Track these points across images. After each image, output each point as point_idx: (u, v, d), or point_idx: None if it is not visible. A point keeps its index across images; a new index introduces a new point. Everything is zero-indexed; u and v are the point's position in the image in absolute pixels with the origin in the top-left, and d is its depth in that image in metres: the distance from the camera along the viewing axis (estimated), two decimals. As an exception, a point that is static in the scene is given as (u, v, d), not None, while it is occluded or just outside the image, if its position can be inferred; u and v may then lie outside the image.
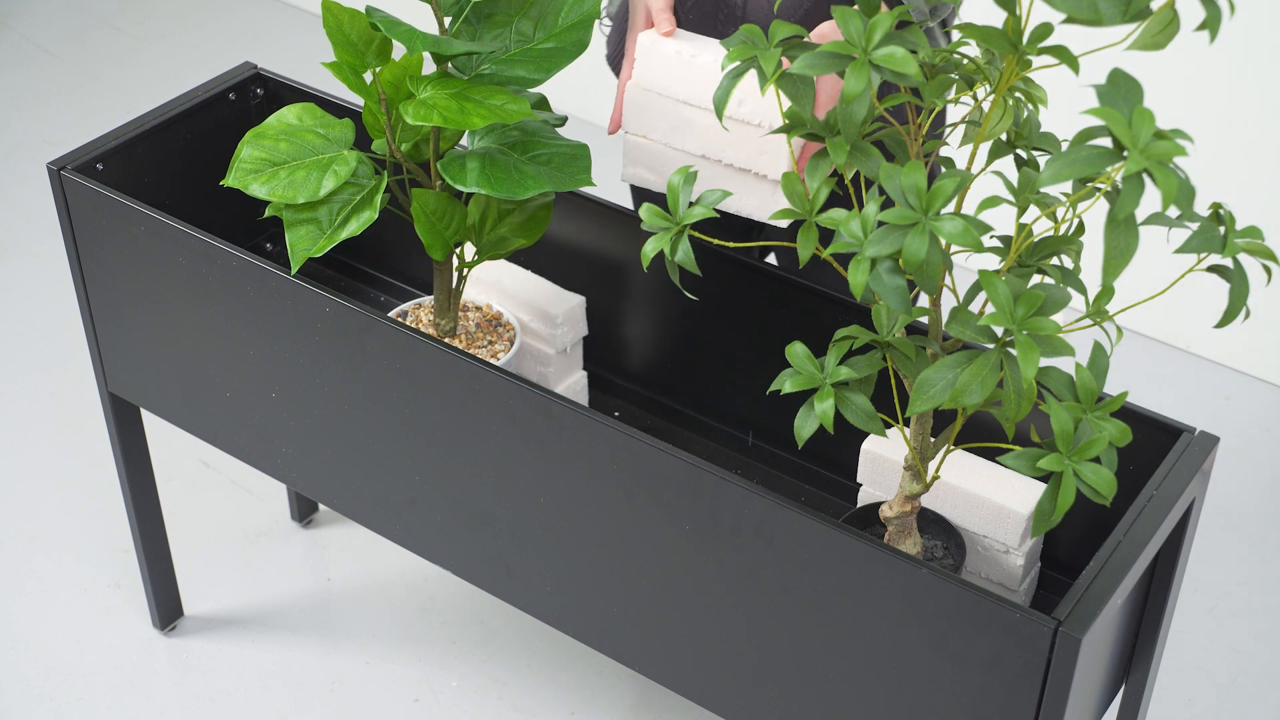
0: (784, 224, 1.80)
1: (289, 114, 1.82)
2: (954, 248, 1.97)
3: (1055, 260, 1.46)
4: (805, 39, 1.46)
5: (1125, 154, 1.21)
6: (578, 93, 3.49)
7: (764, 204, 1.78)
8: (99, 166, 2.06)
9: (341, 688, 2.41)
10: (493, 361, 1.84)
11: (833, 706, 1.64)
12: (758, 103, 1.72)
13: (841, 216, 1.39)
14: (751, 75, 1.72)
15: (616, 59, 2.03)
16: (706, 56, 1.76)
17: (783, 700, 1.69)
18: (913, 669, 1.55)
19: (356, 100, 2.52)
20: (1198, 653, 2.50)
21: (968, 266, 3.18)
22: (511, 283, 2.04)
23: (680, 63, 1.77)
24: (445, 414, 1.79)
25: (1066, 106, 1.95)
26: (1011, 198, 1.44)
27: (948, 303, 2.78)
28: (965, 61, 1.46)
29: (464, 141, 2.39)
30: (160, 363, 2.09)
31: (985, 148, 3.09)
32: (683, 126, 1.79)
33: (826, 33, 1.76)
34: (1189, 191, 1.22)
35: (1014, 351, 1.37)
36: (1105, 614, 1.46)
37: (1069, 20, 1.22)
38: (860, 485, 1.85)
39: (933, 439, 1.60)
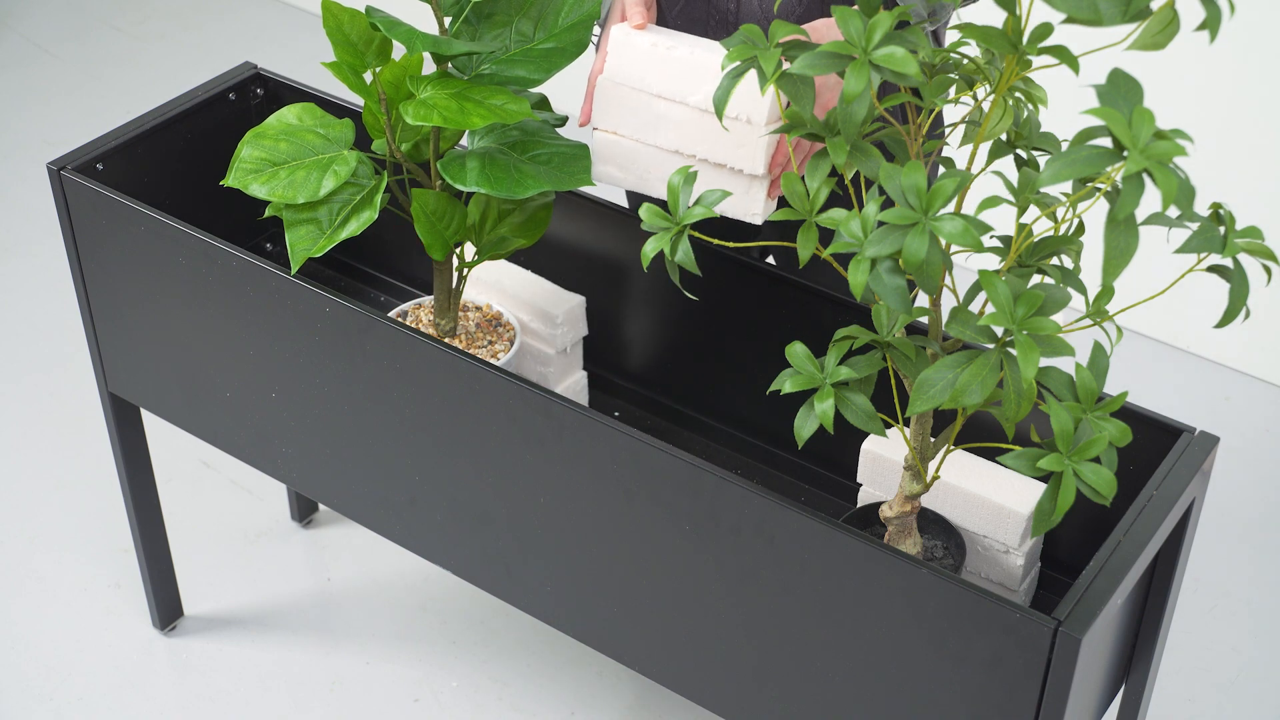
0: (759, 220, 1.77)
1: (289, 114, 1.82)
2: (954, 248, 1.97)
3: (1055, 260, 1.46)
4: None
5: (1125, 154, 1.21)
6: (578, 93, 3.48)
7: (739, 200, 1.75)
8: (99, 166, 2.06)
9: (341, 688, 2.41)
10: (493, 361, 1.84)
11: (833, 706, 1.64)
12: (736, 97, 1.69)
13: (841, 216, 1.39)
14: (720, 73, 1.69)
15: None
16: (682, 50, 1.73)
17: (783, 700, 1.69)
18: (913, 669, 1.55)
19: (356, 100, 2.52)
20: (1198, 653, 2.50)
21: (968, 266, 3.18)
22: (511, 283, 2.04)
23: (656, 56, 1.73)
24: (445, 414, 1.79)
25: (1066, 106, 1.95)
26: (1011, 198, 1.44)
27: (948, 303, 2.78)
28: (965, 61, 1.46)
29: (464, 141, 2.39)
30: (160, 363, 2.09)
31: (985, 148, 3.09)
32: (656, 121, 1.76)
33: (821, 30, 1.74)
34: (1189, 191, 1.22)
35: (1014, 351, 1.37)
36: (1105, 614, 1.46)
37: (1069, 20, 1.22)
38: (860, 485, 1.85)
39: (933, 439, 1.60)
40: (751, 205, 1.75)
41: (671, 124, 1.74)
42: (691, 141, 1.74)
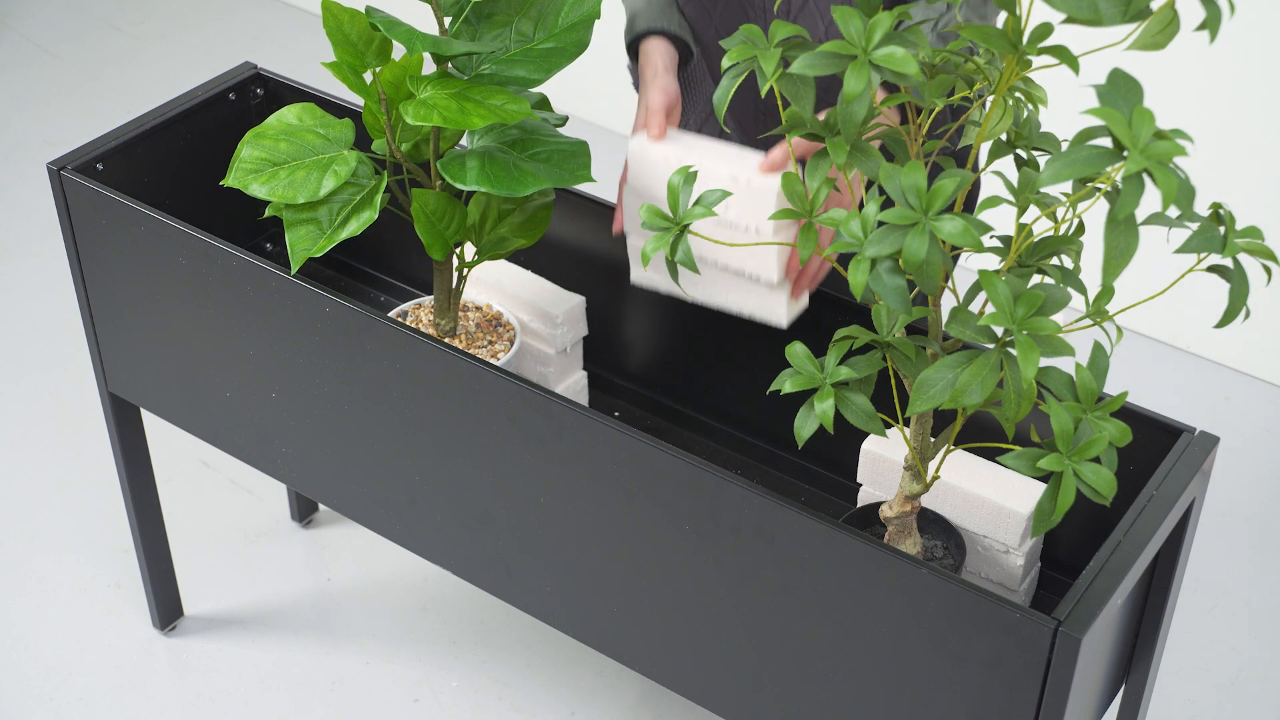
0: (784, 324, 1.78)
1: (289, 114, 1.82)
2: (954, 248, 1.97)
3: (1055, 260, 1.46)
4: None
5: (1125, 154, 1.21)
6: (578, 93, 3.49)
7: (764, 302, 1.76)
8: (99, 166, 2.06)
9: (341, 688, 2.41)
10: (493, 361, 1.84)
11: (833, 706, 1.64)
12: (743, 206, 1.70)
13: (841, 216, 1.39)
14: (736, 181, 1.70)
15: (632, 46, 1.96)
16: (692, 158, 1.74)
17: (783, 700, 1.69)
18: (913, 669, 1.55)
19: (356, 100, 2.52)
20: (1198, 653, 2.50)
21: (968, 266, 3.18)
22: (511, 283, 2.04)
23: (669, 168, 1.75)
24: (445, 414, 1.79)
25: (1066, 106, 1.96)
26: (1011, 198, 1.44)
27: (948, 303, 2.78)
28: (965, 62, 1.46)
29: (464, 141, 2.38)
30: (160, 363, 2.09)
31: (985, 148, 3.09)
32: None
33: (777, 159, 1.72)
34: (1189, 191, 1.22)
35: (1014, 351, 1.37)
36: (1105, 614, 1.46)
37: (1069, 20, 1.22)
38: (860, 485, 1.85)
39: (933, 439, 1.60)
40: (775, 308, 1.76)
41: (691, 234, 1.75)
42: (710, 249, 1.75)
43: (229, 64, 3.68)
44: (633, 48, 1.88)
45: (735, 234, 1.72)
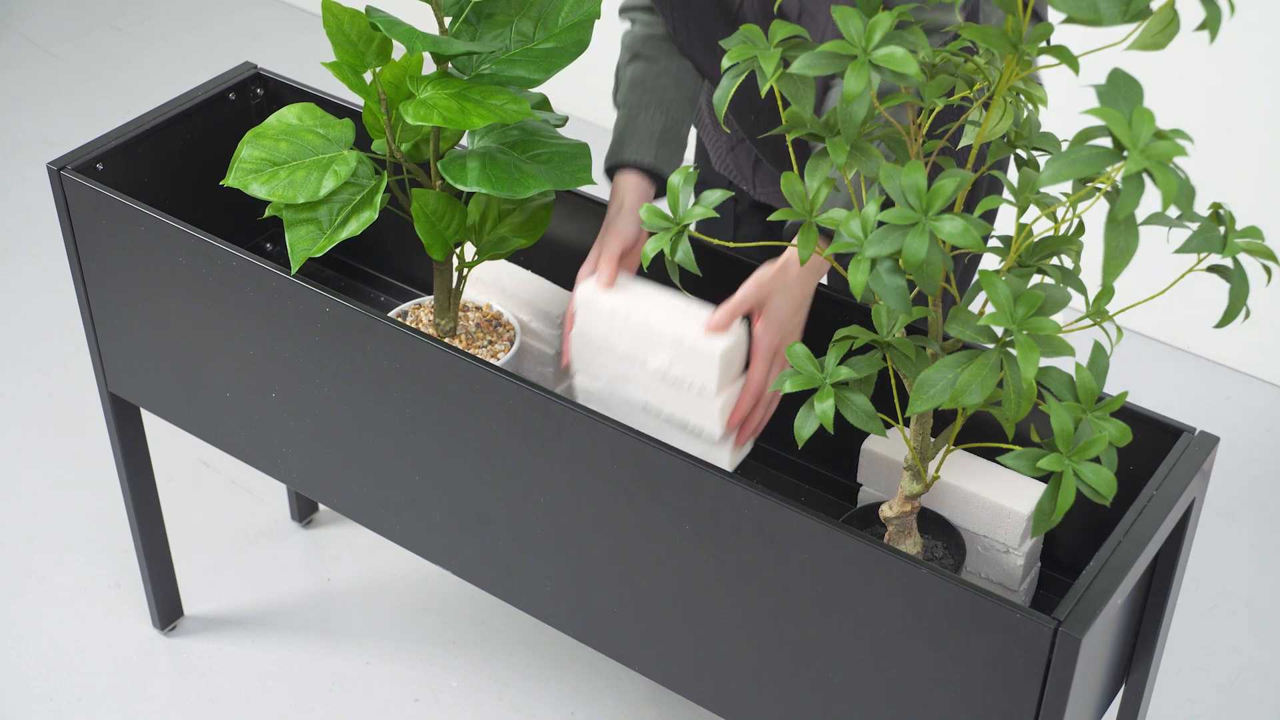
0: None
1: (289, 114, 1.82)
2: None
3: (1055, 260, 1.46)
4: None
5: (1125, 154, 1.21)
6: (578, 93, 3.49)
7: (707, 455, 1.78)
8: (99, 166, 2.06)
9: (341, 688, 2.41)
10: (493, 361, 1.84)
11: (833, 706, 1.64)
12: (685, 365, 1.72)
13: (841, 216, 1.39)
14: (680, 341, 1.70)
15: (611, 171, 1.94)
16: (639, 314, 1.74)
17: (783, 700, 1.69)
18: (913, 669, 1.55)
19: (356, 100, 2.52)
20: (1198, 653, 2.50)
21: (968, 266, 3.17)
22: (511, 283, 2.04)
23: (615, 321, 1.76)
24: (445, 414, 1.79)
25: (1067, 106, 1.96)
26: (1011, 198, 1.44)
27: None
28: (965, 62, 1.46)
29: (464, 141, 2.38)
30: (160, 363, 2.09)
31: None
32: (624, 379, 1.78)
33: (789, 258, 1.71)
34: (1189, 191, 1.22)
35: (1014, 351, 1.37)
36: (1105, 614, 1.46)
37: (1069, 20, 1.22)
38: (860, 485, 1.85)
39: (933, 439, 1.60)
40: (717, 461, 1.77)
41: (636, 383, 1.77)
42: (655, 400, 1.76)
43: (229, 64, 3.68)
44: (611, 172, 1.88)
45: (679, 391, 1.73)
